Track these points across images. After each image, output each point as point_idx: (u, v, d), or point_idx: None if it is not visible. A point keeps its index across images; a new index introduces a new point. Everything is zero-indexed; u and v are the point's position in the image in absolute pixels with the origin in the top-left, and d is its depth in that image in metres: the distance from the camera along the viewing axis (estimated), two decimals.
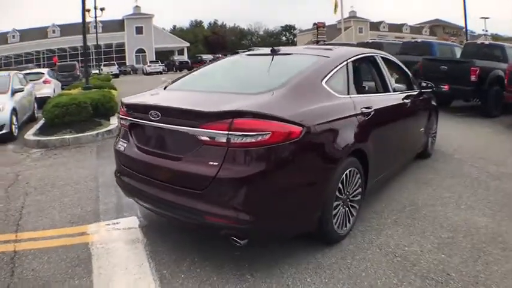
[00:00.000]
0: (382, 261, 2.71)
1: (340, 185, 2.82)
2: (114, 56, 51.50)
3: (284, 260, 2.74)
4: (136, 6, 55.27)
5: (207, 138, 2.39)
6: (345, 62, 3.25)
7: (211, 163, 2.35)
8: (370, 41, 15.23)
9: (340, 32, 35.08)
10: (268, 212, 2.42)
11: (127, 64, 49.13)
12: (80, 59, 11.08)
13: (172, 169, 2.59)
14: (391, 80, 4.03)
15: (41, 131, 7.41)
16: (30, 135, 7.22)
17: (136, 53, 54.11)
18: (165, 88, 3.38)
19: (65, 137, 6.93)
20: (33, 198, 4.18)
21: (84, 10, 10.94)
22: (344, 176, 2.84)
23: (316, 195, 2.64)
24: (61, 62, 29.23)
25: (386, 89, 3.90)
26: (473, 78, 7.98)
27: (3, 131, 7.17)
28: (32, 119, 9.41)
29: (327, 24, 35.82)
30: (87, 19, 27.57)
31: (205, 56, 43.55)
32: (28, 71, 14.03)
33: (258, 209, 2.36)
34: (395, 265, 2.66)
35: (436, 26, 63.08)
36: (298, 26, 77.24)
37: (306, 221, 2.67)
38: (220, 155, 2.33)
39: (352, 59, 3.40)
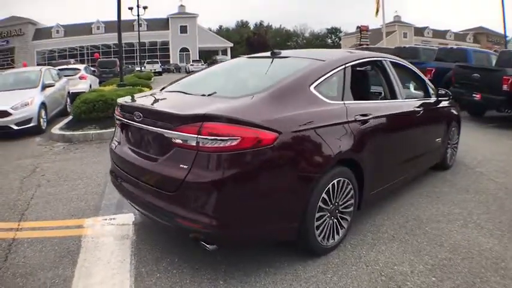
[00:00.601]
0: (364, 279, 2.56)
1: (325, 195, 2.69)
2: (159, 54, 53.10)
3: (263, 268, 2.68)
4: (181, 6, 56.74)
5: (180, 141, 2.38)
6: (342, 67, 3.10)
7: (182, 166, 2.33)
8: (407, 46, 14.68)
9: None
10: (237, 218, 2.36)
11: (171, 62, 50.35)
12: (124, 55, 11.65)
13: (150, 170, 2.60)
14: (400, 86, 3.79)
15: (68, 126, 7.71)
16: (56, 129, 7.53)
17: (180, 51, 55.48)
18: (161, 89, 3.42)
19: (88, 132, 7.19)
20: (44, 190, 4.39)
21: (120, 7, 11.28)
22: (330, 186, 2.72)
23: (293, 204, 2.53)
24: (103, 58, 30.31)
25: (394, 96, 3.69)
26: (505, 87, 7.42)
27: (31, 124, 7.52)
28: (63, 113, 9.80)
29: (371, 28, 34.95)
30: (131, 17, 28.61)
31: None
32: (64, 67, 14.64)
33: (226, 214, 2.30)
34: (377, 285, 2.50)
35: (480, 34, 60.73)
36: (344, 28, 76.27)
37: (282, 230, 2.57)
38: (190, 158, 2.31)
39: (352, 63, 3.23)
